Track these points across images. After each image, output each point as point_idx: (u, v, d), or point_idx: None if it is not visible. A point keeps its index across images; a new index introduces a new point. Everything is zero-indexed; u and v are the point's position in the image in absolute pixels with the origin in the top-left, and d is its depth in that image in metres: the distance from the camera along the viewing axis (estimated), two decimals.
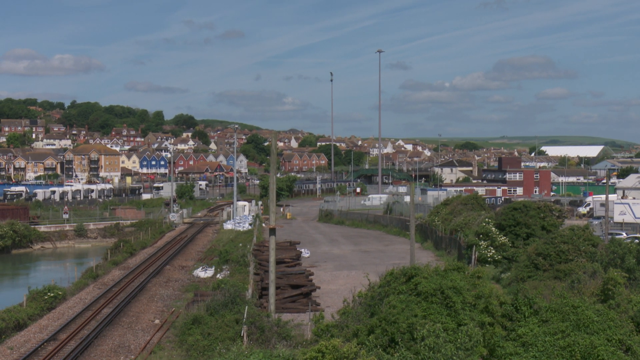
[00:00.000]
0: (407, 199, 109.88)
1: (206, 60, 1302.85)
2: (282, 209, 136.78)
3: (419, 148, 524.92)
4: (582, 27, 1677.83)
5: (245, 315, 38.64)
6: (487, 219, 68.52)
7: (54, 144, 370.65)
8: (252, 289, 50.28)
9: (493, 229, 65.40)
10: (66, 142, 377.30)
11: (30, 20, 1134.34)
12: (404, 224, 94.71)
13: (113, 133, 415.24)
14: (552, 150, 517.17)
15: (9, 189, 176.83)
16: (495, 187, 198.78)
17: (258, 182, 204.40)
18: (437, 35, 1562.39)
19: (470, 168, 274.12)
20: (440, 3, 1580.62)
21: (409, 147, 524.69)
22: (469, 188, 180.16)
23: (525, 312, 30.25)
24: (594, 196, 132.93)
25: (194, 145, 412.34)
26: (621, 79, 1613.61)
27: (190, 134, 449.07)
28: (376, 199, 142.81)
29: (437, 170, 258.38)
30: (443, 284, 29.74)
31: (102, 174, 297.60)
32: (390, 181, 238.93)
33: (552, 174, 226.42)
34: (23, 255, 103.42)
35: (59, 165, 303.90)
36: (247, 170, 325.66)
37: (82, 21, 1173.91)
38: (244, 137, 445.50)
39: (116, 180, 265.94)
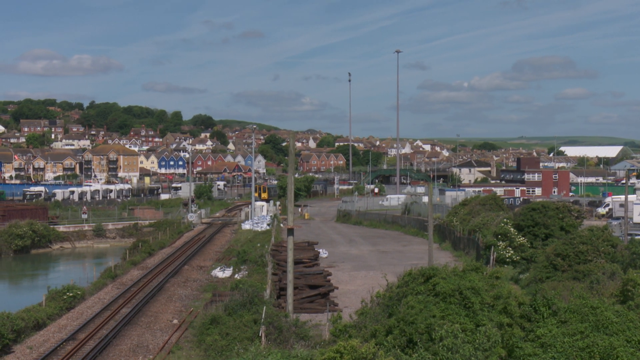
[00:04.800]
0: (425, 199, 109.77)
1: (225, 61, 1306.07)
2: (300, 209, 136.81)
3: (437, 148, 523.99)
4: (602, 27, 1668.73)
5: (263, 315, 38.67)
6: (505, 220, 68.28)
7: (73, 144, 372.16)
8: (270, 289, 50.33)
9: (511, 229, 65.18)
10: (85, 143, 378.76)
11: (49, 20, 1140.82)
12: (422, 224, 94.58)
13: (132, 133, 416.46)
14: (571, 151, 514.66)
15: (28, 189, 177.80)
16: (514, 188, 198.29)
17: (276, 182, 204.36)
18: (455, 35, 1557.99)
19: (488, 168, 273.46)
20: (458, 3, 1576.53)
21: (427, 147, 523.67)
22: (488, 188, 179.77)
23: (544, 313, 30.12)
24: (613, 197, 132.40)
25: (212, 145, 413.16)
26: None
27: (208, 134, 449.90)
28: (394, 199, 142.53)
29: (456, 170, 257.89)
30: (461, 285, 29.68)
31: (120, 174, 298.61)
32: (408, 181, 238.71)
33: (571, 175, 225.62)
34: (42, 255, 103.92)
35: (77, 166, 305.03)
36: (265, 171, 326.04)
37: (101, 21, 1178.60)
38: (262, 137, 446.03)
39: (135, 180, 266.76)
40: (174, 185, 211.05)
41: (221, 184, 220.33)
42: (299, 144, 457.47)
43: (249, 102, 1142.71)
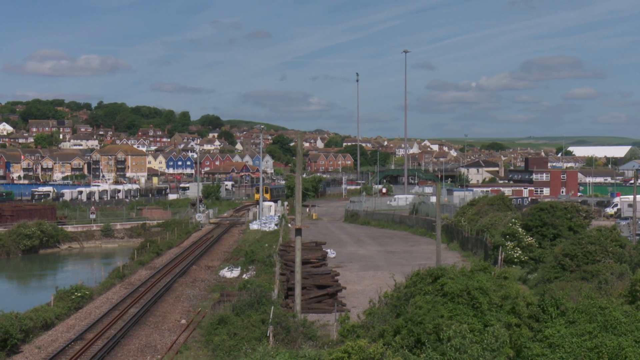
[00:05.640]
0: (433, 199, 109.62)
1: (232, 61, 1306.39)
2: (308, 210, 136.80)
3: (445, 148, 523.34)
4: (610, 27, 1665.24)
5: (271, 315, 38.69)
6: (513, 220, 68.19)
7: (81, 145, 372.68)
8: (278, 289, 50.35)
9: (519, 229, 65.09)
10: (93, 143, 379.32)
11: (57, 21, 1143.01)
12: (430, 224, 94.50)
13: (140, 133, 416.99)
14: (579, 151, 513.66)
15: (37, 189, 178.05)
16: (522, 188, 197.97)
17: (284, 182, 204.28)
18: (463, 35, 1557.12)
19: (496, 168, 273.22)
20: (466, 3, 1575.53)
21: (435, 147, 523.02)
22: (496, 188, 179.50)
23: (552, 313, 30.08)
24: (621, 197, 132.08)
25: (220, 145, 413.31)
26: None
27: (216, 135, 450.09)
28: (402, 200, 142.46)
29: (463, 170, 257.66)
30: (469, 285, 29.65)
31: (128, 174, 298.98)
32: (416, 181, 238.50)
33: (579, 175, 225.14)
34: (50, 255, 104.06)
35: (86, 166, 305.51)
36: (273, 171, 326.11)
37: (109, 22, 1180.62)
38: (269, 137, 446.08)
39: (143, 180, 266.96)
40: (182, 185, 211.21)
41: (229, 184, 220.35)
42: (306, 144, 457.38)
43: (256, 102, 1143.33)
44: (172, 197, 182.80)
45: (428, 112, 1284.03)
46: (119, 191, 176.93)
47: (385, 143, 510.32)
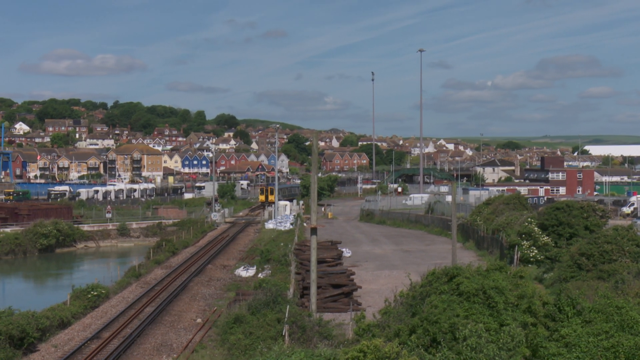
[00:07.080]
0: (449, 198, 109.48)
1: (248, 60, 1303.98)
2: (323, 209, 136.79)
3: (461, 147, 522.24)
4: (627, 25, 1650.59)
5: (286, 314, 38.69)
6: (529, 219, 68.03)
7: (97, 144, 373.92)
8: (294, 288, 50.34)
9: (535, 228, 64.92)
10: (109, 142, 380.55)
11: (73, 20, 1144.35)
12: (446, 223, 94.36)
13: (155, 133, 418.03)
14: (596, 150, 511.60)
15: (53, 189, 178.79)
16: (538, 187, 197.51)
17: (299, 181, 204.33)
18: (479, 34, 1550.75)
19: (512, 167, 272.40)
20: (482, 1, 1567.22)
21: (451, 146, 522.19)
22: (511, 188, 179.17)
23: (568, 313, 29.97)
24: (638, 196, 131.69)
25: (235, 144, 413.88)
26: None
27: (231, 134, 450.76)
28: (418, 199, 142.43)
29: (479, 169, 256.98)
30: (485, 284, 29.58)
31: (144, 173, 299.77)
32: (431, 181, 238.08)
33: (596, 174, 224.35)
34: (66, 254, 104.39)
35: (102, 165, 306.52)
36: (288, 170, 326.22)
37: (124, 21, 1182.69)
38: (285, 136, 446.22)
39: (158, 179, 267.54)
40: (197, 184, 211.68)
41: (244, 183, 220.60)
42: (322, 143, 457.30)
43: (272, 102, 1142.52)
44: (187, 196, 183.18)
45: (443, 111, 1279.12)
46: (134, 190, 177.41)
47: (401, 142, 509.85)
